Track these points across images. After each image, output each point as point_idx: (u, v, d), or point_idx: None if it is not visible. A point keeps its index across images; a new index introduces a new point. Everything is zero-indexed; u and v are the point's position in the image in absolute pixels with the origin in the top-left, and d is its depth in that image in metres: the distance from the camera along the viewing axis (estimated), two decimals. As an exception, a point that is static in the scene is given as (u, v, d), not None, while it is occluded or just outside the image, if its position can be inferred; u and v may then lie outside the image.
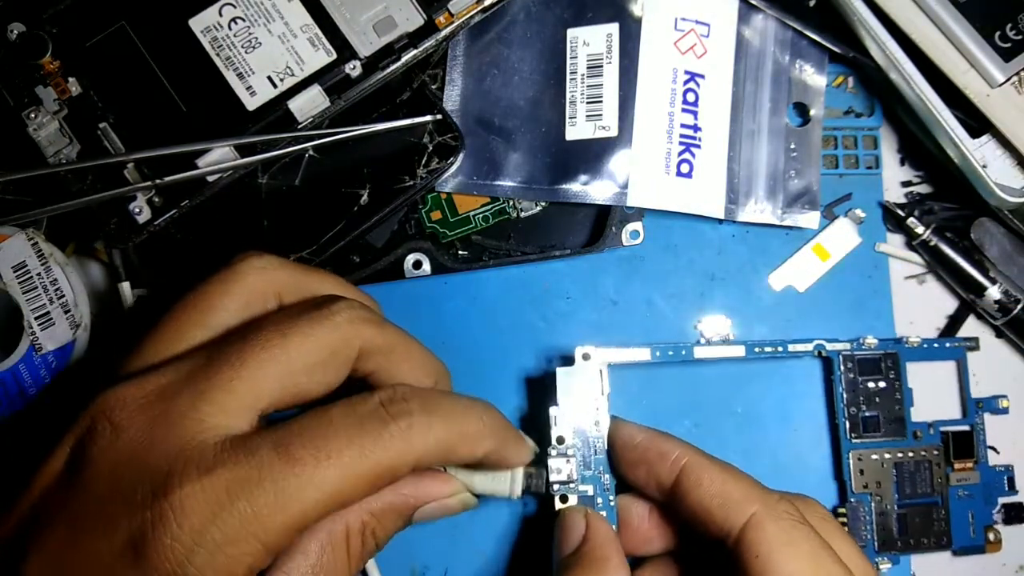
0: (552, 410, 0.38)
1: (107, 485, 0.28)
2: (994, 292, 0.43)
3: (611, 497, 0.39)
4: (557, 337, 0.43)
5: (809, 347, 0.42)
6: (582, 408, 0.39)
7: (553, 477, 0.37)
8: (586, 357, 0.39)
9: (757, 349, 0.42)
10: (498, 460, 0.34)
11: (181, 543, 0.26)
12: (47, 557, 0.27)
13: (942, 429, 0.43)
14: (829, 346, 0.42)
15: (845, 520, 0.41)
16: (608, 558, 0.34)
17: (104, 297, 0.43)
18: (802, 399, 0.44)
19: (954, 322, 0.46)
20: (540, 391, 0.42)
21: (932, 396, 0.44)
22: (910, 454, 0.42)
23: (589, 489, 0.38)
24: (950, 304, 0.46)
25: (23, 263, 0.41)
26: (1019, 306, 0.43)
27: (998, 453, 0.44)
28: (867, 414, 0.42)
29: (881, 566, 0.41)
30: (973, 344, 0.45)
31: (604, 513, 0.38)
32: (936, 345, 0.44)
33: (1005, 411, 0.44)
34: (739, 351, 0.41)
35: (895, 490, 0.42)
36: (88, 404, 0.29)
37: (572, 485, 0.38)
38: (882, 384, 0.42)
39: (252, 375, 0.29)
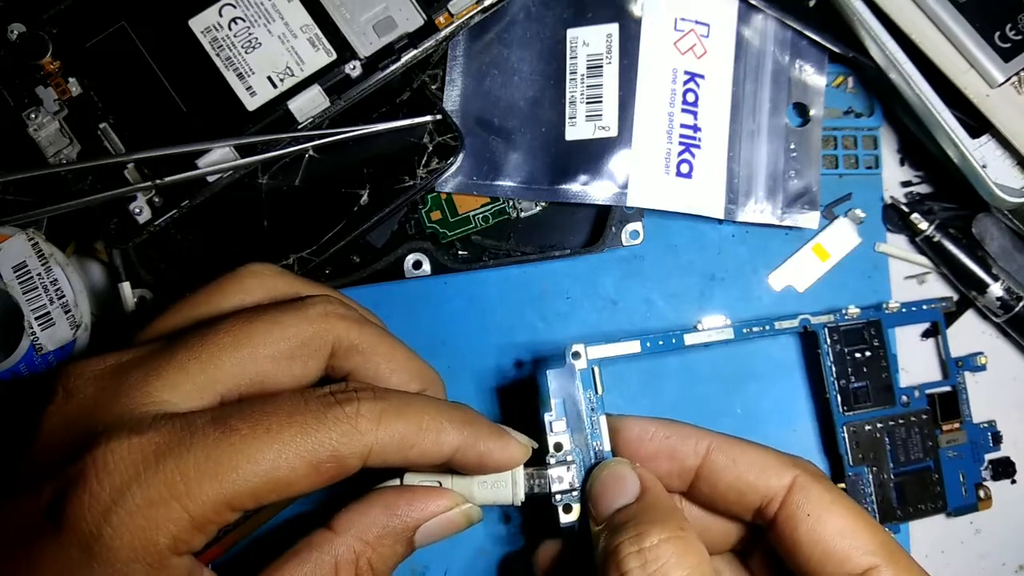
0: (546, 416, 0.36)
1: (46, 446, 0.28)
2: (996, 289, 0.43)
3: None
4: (557, 337, 0.43)
5: (795, 323, 0.42)
6: (577, 410, 0.36)
7: (554, 487, 0.35)
8: (576, 356, 0.37)
9: (745, 330, 0.41)
10: (478, 458, 0.32)
11: (99, 501, 0.25)
12: None
13: (928, 392, 0.43)
14: (814, 319, 0.42)
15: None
16: (675, 508, 0.33)
17: (104, 297, 0.43)
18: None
19: (951, 314, 0.45)
20: (536, 392, 0.42)
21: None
22: (900, 421, 0.42)
23: None
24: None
25: (23, 263, 0.41)
26: (1021, 303, 0.43)
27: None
28: (856, 385, 0.42)
29: None
30: (948, 304, 0.44)
31: None
32: (915, 308, 0.44)
33: (983, 368, 0.44)
34: (728, 334, 0.40)
35: (890, 459, 0.42)
36: (52, 372, 0.30)
37: (575, 493, 0.35)
38: (868, 353, 0.42)
39: (210, 357, 0.29)
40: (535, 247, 0.44)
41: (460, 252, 0.44)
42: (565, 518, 0.35)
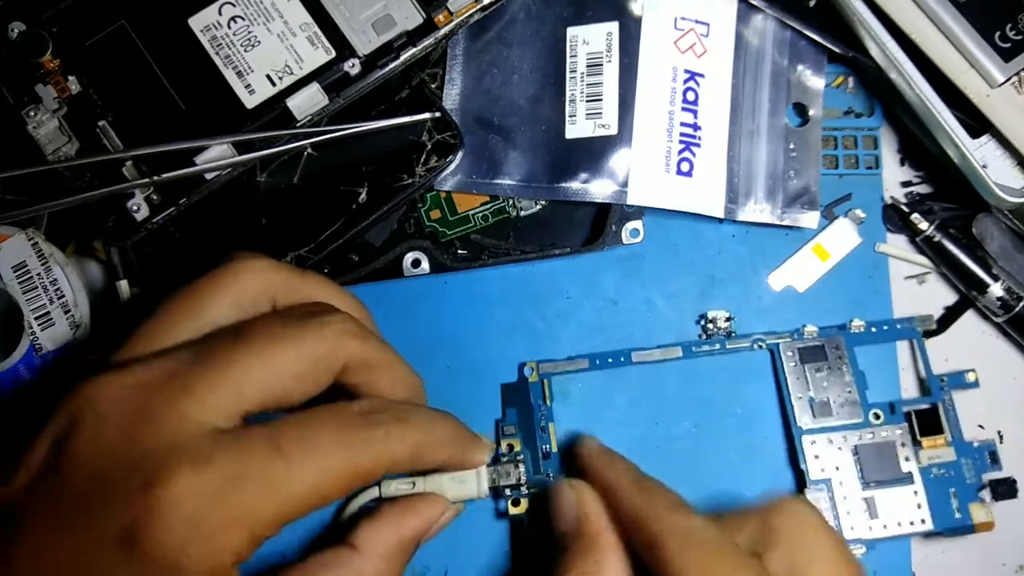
0: (499, 423, 0.41)
1: (91, 476, 0.28)
2: (996, 289, 0.43)
3: None
4: (557, 336, 0.43)
5: (747, 343, 0.43)
6: (530, 417, 0.41)
7: (503, 482, 0.39)
8: (529, 371, 0.42)
9: (695, 349, 0.43)
10: (459, 462, 0.37)
11: (176, 533, 0.26)
12: (30, 551, 0.27)
13: (905, 409, 0.42)
14: (770, 340, 0.43)
15: None
16: (602, 544, 0.33)
17: (103, 296, 0.43)
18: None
19: (951, 314, 0.45)
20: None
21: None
22: (869, 435, 0.41)
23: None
24: (950, 303, 0.46)
25: (23, 263, 0.41)
26: (1021, 303, 0.43)
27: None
28: (816, 399, 0.42)
29: (853, 551, 0.40)
30: (927, 321, 0.44)
31: None
32: (886, 328, 0.43)
33: (975, 384, 0.43)
34: (676, 352, 0.42)
35: (860, 474, 0.41)
36: (71, 393, 0.29)
37: (522, 489, 0.40)
38: (827, 370, 0.42)
39: (238, 377, 0.29)
40: (535, 246, 0.44)
41: (459, 251, 0.44)
42: (513, 510, 0.40)
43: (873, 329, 0.43)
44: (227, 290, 0.33)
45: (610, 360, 0.42)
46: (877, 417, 0.42)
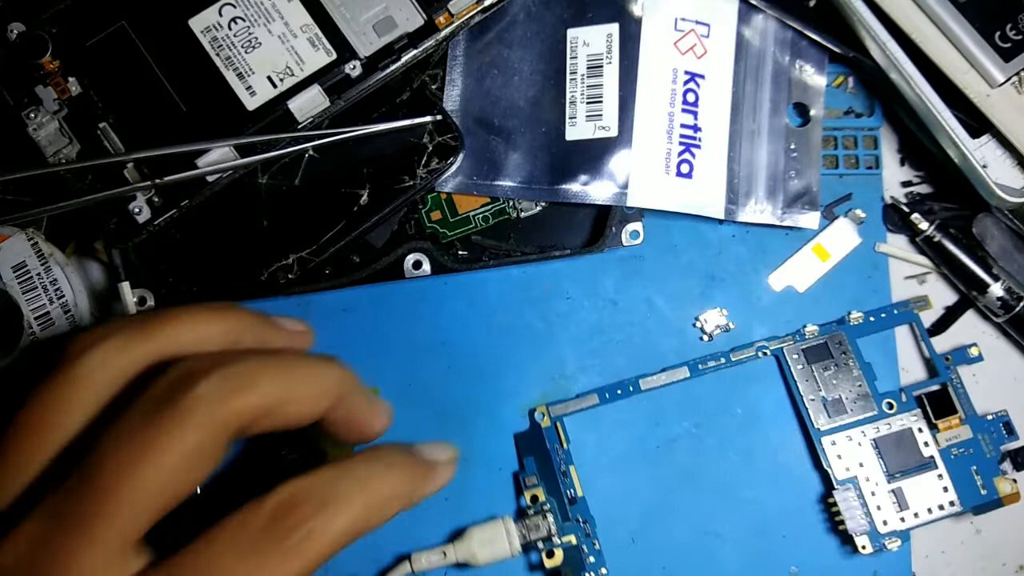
0: (520, 475, 0.41)
1: None
2: (997, 289, 0.43)
3: (595, 543, 0.40)
4: (557, 337, 0.43)
5: (751, 351, 0.43)
6: (549, 464, 0.41)
7: (534, 535, 0.39)
8: (539, 416, 0.42)
9: (701, 366, 0.43)
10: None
11: None
12: None
13: (915, 393, 0.42)
14: (773, 346, 0.43)
15: (838, 510, 0.41)
16: None
17: (104, 297, 0.43)
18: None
19: (951, 314, 0.45)
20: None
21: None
22: (886, 426, 0.42)
23: (572, 539, 0.40)
24: (950, 303, 0.46)
25: (23, 263, 0.41)
26: (1021, 303, 0.43)
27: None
28: (829, 398, 0.42)
29: (889, 545, 0.40)
30: (923, 303, 0.44)
31: (592, 559, 0.40)
32: (884, 315, 0.44)
33: (979, 358, 0.43)
34: (683, 373, 0.42)
35: (883, 466, 0.41)
36: None
37: (554, 539, 0.39)
38: (835, 367, 0.42)
39: (116, 521, 0.25)
40: (535, 247, 0.44)
41: (460, 252, 0.44)
42: (548, 563, 0.39)
43: (871, 318, 0.43)
44: (77, 399, 0.28)
45: (619, 392, 0.42)
46: (890, 407, 0.42)
